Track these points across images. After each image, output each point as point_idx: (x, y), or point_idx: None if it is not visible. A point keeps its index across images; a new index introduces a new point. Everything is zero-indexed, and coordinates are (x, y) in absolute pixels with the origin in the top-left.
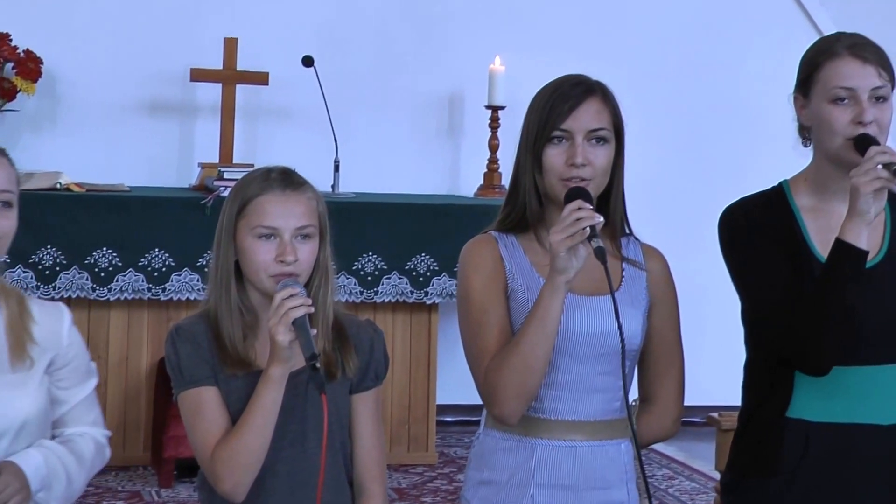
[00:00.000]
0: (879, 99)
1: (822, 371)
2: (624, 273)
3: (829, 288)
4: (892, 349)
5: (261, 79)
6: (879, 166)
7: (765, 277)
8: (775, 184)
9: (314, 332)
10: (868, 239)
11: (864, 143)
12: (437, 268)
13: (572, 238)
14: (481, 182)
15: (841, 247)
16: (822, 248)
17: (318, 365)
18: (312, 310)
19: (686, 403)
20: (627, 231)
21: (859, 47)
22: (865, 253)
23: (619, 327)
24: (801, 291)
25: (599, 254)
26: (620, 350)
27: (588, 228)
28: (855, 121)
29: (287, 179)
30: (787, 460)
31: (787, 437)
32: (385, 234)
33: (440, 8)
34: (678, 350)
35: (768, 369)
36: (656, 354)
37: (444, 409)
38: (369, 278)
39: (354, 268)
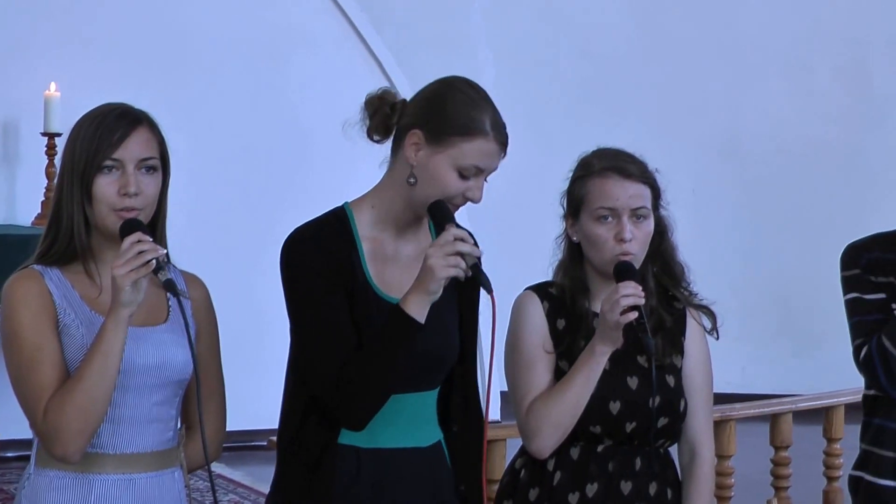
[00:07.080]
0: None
1: (358, 429)
2: (170, 302)
3: (380, 354)
4: (426, 379)
5: None
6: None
7: (320, 323)
8: (338, 205)
9: None
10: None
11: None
12: None
13: (137, 271)
14: (39, 211)
15: (401, 317)
16: (377, 278)
17: None
18: None
19: (251, 428)
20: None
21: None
22: (422, 326)
23: (189, 358)
24: (350, 341)
25: (170, 287)
26: (173, 380)
27: (154, 261)
28: None
29: None
30: (338, 486)
31: (340, 464)
32: None
33: None
34: (219, 376)
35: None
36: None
37: (4, 444)
38: None
39: None
